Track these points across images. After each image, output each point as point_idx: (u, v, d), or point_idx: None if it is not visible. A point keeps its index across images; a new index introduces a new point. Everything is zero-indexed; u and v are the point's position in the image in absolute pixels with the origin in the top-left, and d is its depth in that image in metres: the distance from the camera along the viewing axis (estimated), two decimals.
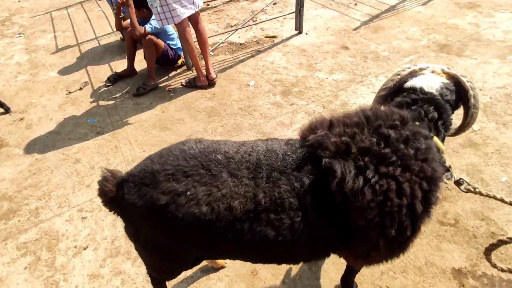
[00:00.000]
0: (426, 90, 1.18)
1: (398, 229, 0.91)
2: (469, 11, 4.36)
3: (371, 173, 0.88)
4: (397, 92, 1.30)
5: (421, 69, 1.27)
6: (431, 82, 1.20)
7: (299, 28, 4.15)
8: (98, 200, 2.14)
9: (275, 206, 0.94)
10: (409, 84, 1.25)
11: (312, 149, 0.98)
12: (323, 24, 4.39)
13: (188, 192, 0.93)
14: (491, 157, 2.33)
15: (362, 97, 3.04)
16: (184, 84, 3.40)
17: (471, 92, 1.16)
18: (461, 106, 1.26)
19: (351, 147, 0.93)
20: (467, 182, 1.15)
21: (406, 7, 4.62)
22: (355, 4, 4.84)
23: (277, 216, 0.93)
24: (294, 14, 4.12)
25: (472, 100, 1.16)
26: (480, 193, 1.12)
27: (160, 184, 0.95)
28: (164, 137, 2.80)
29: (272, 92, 3.22)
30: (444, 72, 1.23)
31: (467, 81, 1.18)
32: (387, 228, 0.90)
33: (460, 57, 3.48)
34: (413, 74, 1.26)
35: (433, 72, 1.26)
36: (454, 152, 2.42)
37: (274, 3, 5.09)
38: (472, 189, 1.13)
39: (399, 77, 1.25)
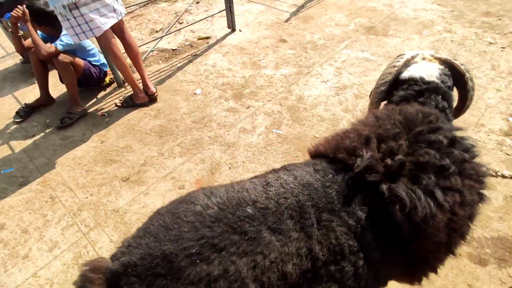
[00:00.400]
0: (427, 79, 1.13)
1: (460, 238, 0.82)
2: None
3: (438, 191, 0.76)
4: (393, 84, 1.22)
5: (413, 57, 1.21)
6: (429, 70, 1.15)
7: (232, 25, 3.96)
8: (46, 273, 1.67)
9: (335, 255, 0.75)
10: (406, 75, 1.18)
11: (359, 174, 0.81)
12: (253, 19, 4.27)
13: (228, 273, 0.68)
14: None
15: (315, 88, 3.02)
16: (119, 104, 2.93)
17: (467, 75, 1.15)
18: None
19: (405, 165, 0.78)
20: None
21: None
22: None
23: (338, 266, 0.75)
24: (224, 12, 3.90)
25: (470, 83, 1.15)
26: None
27: (185, 272, 0.66)
28: (112, 172, 2.35)
29: (223, 97, 2.98)
30: (436, 58, 1.19)
31: (461, 64, 1.16)
32: (453, 245, 0.80)
33: (386, 37, 3.73)
34: (406, 63, 1.20)
35: (424, 59, 1.21)
36: None
37: (197, 2, 4.79)
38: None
39: (395, 69, 1.18)
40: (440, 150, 0.81)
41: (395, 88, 1.20)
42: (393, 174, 0.78)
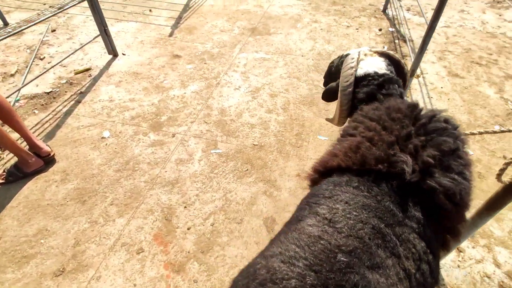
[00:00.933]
0: (380, 72, 1.26)
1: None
2: None
3: (466, 171, 0.86)
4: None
5: (359, 55, 1.33)
6: (377, 64, 1.28)
7: (112, 50, 3.49)
8: None
9: (418, 263, 0.76)
10: (360, 72, 1.28)
11: (403, 179, 0.83)
12: (133, 39, 3.88)
13: None
14: None
15: (231, 97, 3.00)
16: (2, 181, 2.20)
17: (402, 61, 1.34)
18: None
19: (436, 157, 0.85)
20: None
21: (198, 3, 4.77)
22: (150, 11, 4.54)
23: (421, 271, 0.77)
24: (98, 37, 3.39)
25: (406, 68, 1.35)
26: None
27: None
28: (34, 271, 1.76)
29: (140, 132, 2.62)
30: (375, 52, 1.35)
31: (395, 54, 1.35)
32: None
33: (270, 35, 4.02)
34: (358, 62, 1.31)
35: (365, 55, 1.35)
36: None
37: (53, 31, 3.99)
38: None
39: (353, 69, 1.27)
40: (448, 135, 0.93)
41: (355, 87, 1.29)
42: (429, 168, 0.85)
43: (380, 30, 4.13)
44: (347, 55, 1.40)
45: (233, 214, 2.04)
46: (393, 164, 0.84)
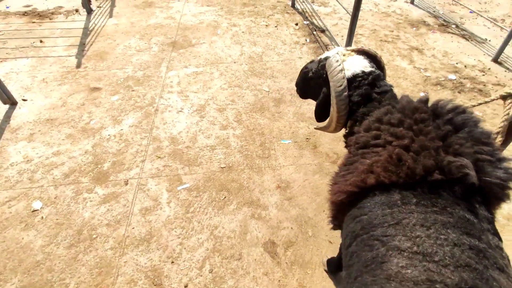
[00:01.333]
0: (367, 71, 1.24)
1: None
2: (150, 9, 4.67)
3: (497, 154, 0.85)
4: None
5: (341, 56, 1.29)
6: (361, 63, 1.26)
7: (8, 98, 2.80)
8: None
9: (496, 257, 0.72)
10: (348, 73, 1.24)
11: (458, 184, 0.79)
12: (30, 79, 3.20)
13: None
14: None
15: (178, 122, 2.71)
16: None
17: (378, 55, 1.34)
18: None
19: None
20: None
21: (99, 24, 4.21)
22: (41, 41, 3.81)
23: (501, 265, 0.74)
24: None
25: (382, 61, 1.36)
26: None
27: None
28: None
29: (84, 189, 2.16)
30: (353, 51, 1.32)
31: (370, 49, 1.35)
32: None
33: (194, 47, 3.79)
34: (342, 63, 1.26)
35: (344, 55, 1.31)
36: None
37: None
38: None
39: (342, 72, 1.21)
40: (476, 124, 0.92)
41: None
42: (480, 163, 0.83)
43: (296, 24, 4.29)
44: (326, 58, 1.34)
45: (229, 251, 1.84)
46: (451, 170, 0.80)
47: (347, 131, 1.32)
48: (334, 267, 1.69)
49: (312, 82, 1.44)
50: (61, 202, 2.08)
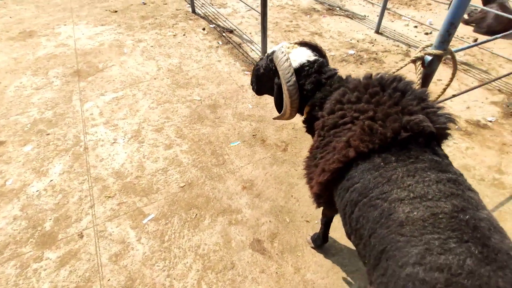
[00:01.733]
0: (312, 59, 1.38)
1: None
2: (32, 39, 4.09)
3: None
4: None
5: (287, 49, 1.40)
6: (305, 53, 1.40)
7: None
8: None
9: (464, 181, 0.94)
10: (295, 64, 1.37)
11: (420, 136, 0.98)
12: None
13: None
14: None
15: (116, 154, 2.49)
16: None
17: (319, 45, 1.51)
18: None
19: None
20: None
21: None
22: None
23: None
24: None
25: (323, 49, 1.52)
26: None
27: None
28: None
29: (30, 260, 1.82)
30: (296, 43, 1.45)
31: (310, 40, 1.50)
32: None
33: (103, 71, 3.49)
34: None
35: (288, 48, 1.44)
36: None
37: None
38: None
39: (289, 61, 1.33)
40: (412, 86, 1.14)
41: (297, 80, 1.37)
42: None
43: (204, 29, 4.32)
44: (272, 52, 1.44)
45: (220, 264, 1.82)
46: (413, 126, 0.99)
47: (305, 117, 1.46)
48: (319, 241, 1.84)
49: (264, 78, 1.53)
50: (5, 285, 1.72)
